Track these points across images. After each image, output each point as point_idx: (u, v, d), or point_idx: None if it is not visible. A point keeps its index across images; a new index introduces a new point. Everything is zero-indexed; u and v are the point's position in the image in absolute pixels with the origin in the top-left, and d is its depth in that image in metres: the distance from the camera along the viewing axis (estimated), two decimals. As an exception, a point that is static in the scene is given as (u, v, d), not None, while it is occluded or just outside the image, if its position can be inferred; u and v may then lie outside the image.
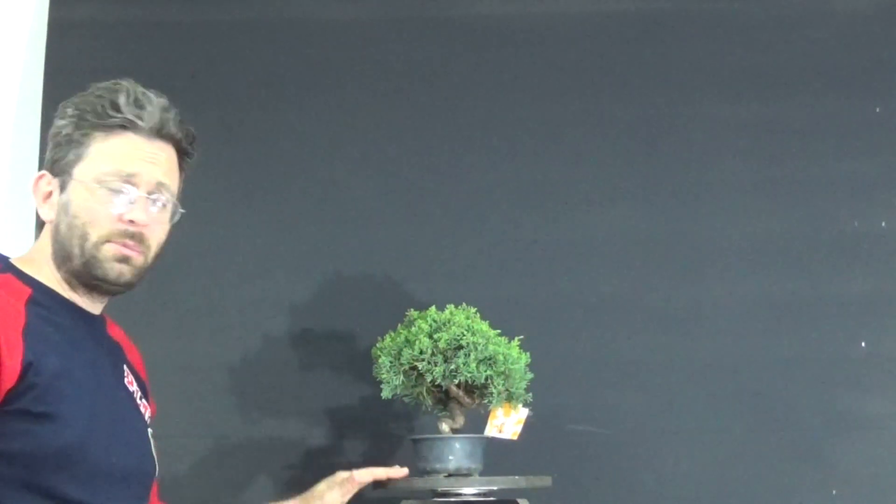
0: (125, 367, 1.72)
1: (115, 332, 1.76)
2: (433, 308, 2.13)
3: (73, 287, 1.65)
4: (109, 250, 1.62)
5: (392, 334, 2.13)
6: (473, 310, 2.13)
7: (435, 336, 2.05)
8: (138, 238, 1.63)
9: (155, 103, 1.67)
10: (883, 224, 2.50)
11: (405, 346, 2.07)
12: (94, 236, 1.61)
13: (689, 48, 2.59)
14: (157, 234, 1.67)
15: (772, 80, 2.56)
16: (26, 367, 1.48)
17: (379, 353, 2.11)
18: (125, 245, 1.62)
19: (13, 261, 1.64)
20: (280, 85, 2.58)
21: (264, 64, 2.59)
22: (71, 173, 1.62)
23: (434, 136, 2.56)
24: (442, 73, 2.59)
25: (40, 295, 1.59)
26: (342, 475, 2.02)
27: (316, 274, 2.49)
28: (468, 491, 2.05)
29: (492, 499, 2.08)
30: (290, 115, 2.56)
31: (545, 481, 2.08)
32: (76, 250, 1.61)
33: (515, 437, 2.13)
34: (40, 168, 1.70)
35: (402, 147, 2.55)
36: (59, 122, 1.66)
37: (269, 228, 2.51)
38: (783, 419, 2.43)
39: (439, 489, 2.06)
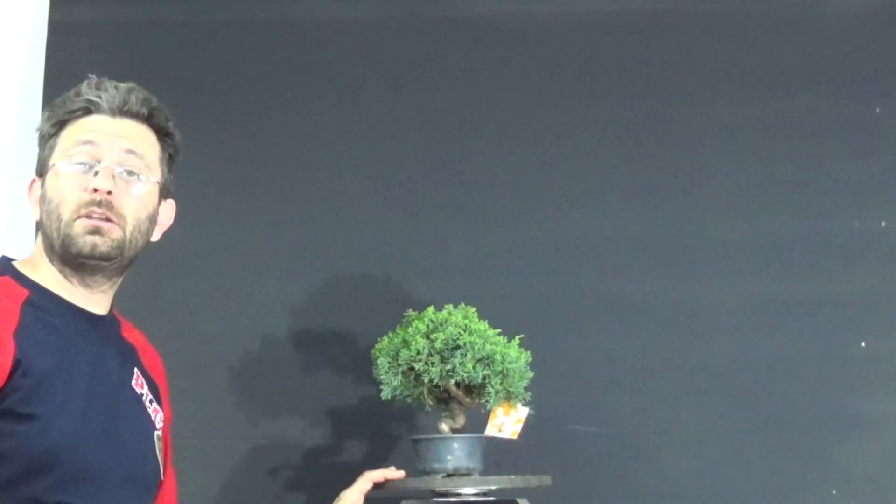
0: (136, 369, 1.71)
1: (133, 335, 1.76)
2: (431, 308, 2.13)
3: (67, 278, 1.63)
4: (80, 225, 1.60)
5: (390, 335, 2.13)
6: (472, 309, 2.13)
7: (432, 336, 2.05)
8: (106, 206, 1.61)
9: (120, 87, 1.68)
10: (883, 224, 2.50)
11: (402, 347, 2.07)
12: (65, 215, 1.61)
13: (689, 48, 2.59)
14: (131, 206, 1.64)
15: (771, 80, 2.56)
16: (15, 367, 1.48)
17: (377, 354, 2.11)
18: (92, 215, 1.60)
19: (14, 263, 1.65)
20: (280, 85, 2.58)
21: (264, 64, 2.59)
22: (48, 166, 1.64)
23: (434, 135, 2.56)
24: (442, 73, 2.59)
25: (38, 296, 1.58)
26: (350, 497, 2.02)
27: (316, 274, 2.49)
28: (468, 491, 2.06)
29: (491, 499, 2.08)
30: (290, 115, 2.56)
31: (545, 481, 2.08)
32: (55, 234, 1.61)
33: (515, 437, 2.12)
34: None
35: (402, 147, 2.55)
36: (38, 127, 1.69)
37: (269, 228, 2.51)
38: (783, 419, 2.43)
39: (439, 489, 2.06)
